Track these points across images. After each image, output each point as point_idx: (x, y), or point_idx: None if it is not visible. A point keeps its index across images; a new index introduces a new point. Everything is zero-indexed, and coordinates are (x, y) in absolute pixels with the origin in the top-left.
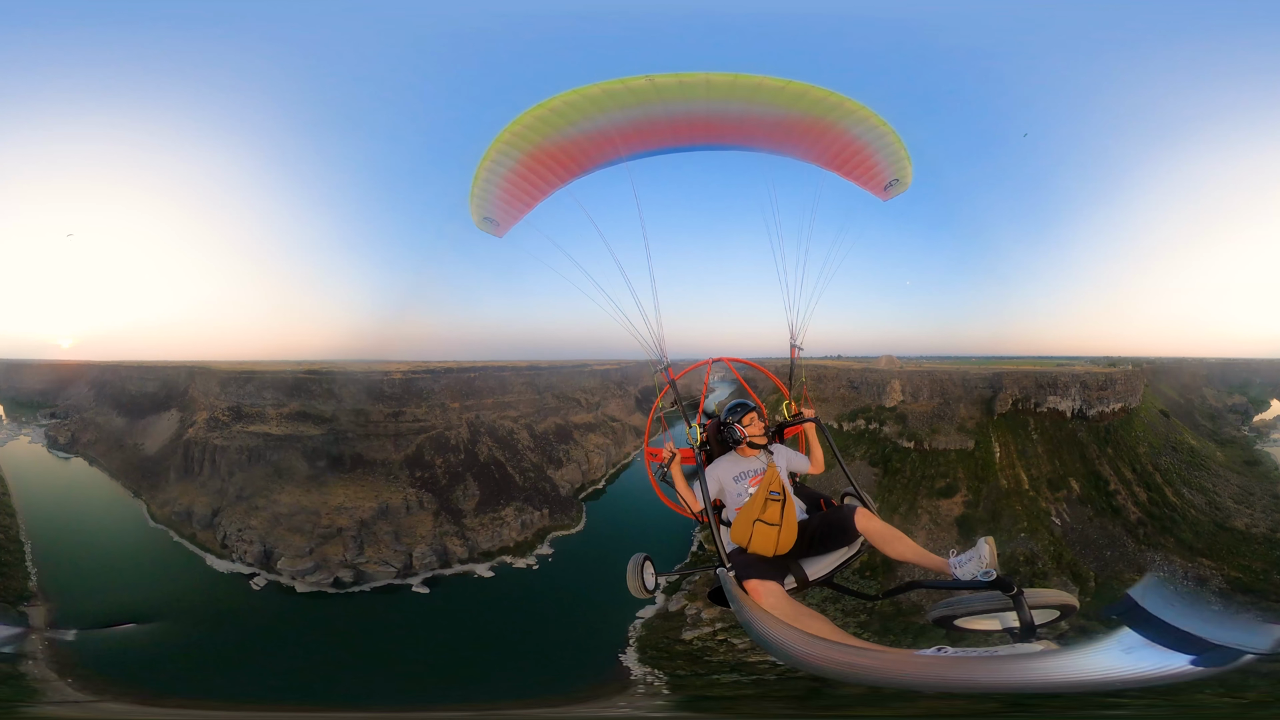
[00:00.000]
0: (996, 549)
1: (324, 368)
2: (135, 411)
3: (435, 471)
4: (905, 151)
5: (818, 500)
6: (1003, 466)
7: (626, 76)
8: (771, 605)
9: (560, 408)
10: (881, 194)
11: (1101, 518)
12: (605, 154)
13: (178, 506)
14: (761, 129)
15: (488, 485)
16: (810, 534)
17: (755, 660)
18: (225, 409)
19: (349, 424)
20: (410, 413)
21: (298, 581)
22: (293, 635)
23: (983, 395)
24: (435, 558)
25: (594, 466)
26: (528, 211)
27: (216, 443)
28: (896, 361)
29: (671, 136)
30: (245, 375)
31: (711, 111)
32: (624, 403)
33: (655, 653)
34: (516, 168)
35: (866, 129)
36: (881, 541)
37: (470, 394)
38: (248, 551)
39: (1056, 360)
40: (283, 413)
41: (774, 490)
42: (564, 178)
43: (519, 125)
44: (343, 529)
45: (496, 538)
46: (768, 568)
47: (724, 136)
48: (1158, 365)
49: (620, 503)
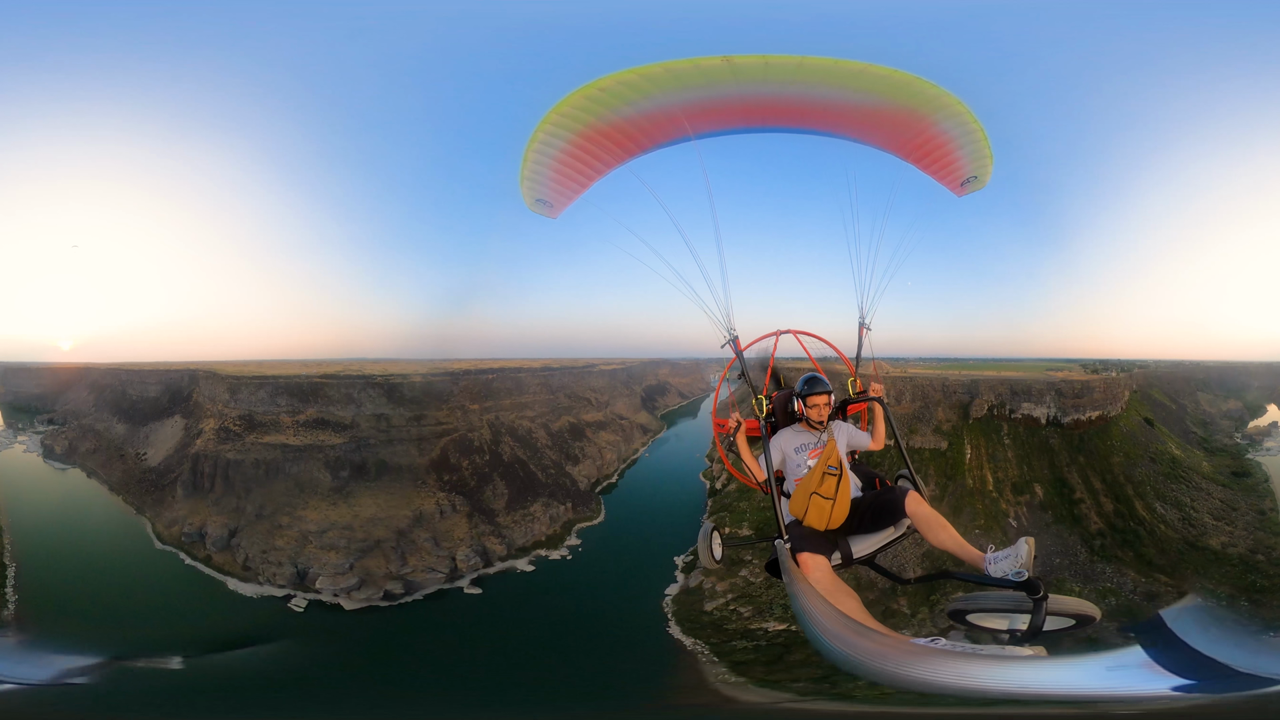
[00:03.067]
0: (1035, 550)
1: (336, 370)
2: (136, 418)
3: (463, 474)
4: (989, 150)
5: (873, 479)
6: (971, 467)
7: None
8: (816, 579)
9: (573, 407)
10: (957, 189)
11: (1060, 524)
12: (669, 133)
13: (188, 526)
14: (850, 115)
15: (514, 484)
16: (862, 511)
17: (755, 628)
18: (236, 418)
19: (370, 430)
20: (432, 416)
21: (343, 599)
22: (377, 648)
23: (960, 400)
24: (479, 558)
25: (607, 462)
26: (583, 191)
27: (230, 456)
28: (884, 366)
29: (744, 117)
30: (257, 380)
31: (796, 95)
32: (630, 401)
33: (690, 625)
34: (568, 148)
35: (957, 124)
36: (926, 527)
37: (489, 395)
38: (277, 574)
39: (1057, 363)
40: (299, 420)
41: (831, 465)
42: (621, 157)
43: (568, 105)
44: (381, 541)
45: (529, 533)
46: (819, 541)
47: (805, 120)
48: (1151, 370)
49: (633, 495)
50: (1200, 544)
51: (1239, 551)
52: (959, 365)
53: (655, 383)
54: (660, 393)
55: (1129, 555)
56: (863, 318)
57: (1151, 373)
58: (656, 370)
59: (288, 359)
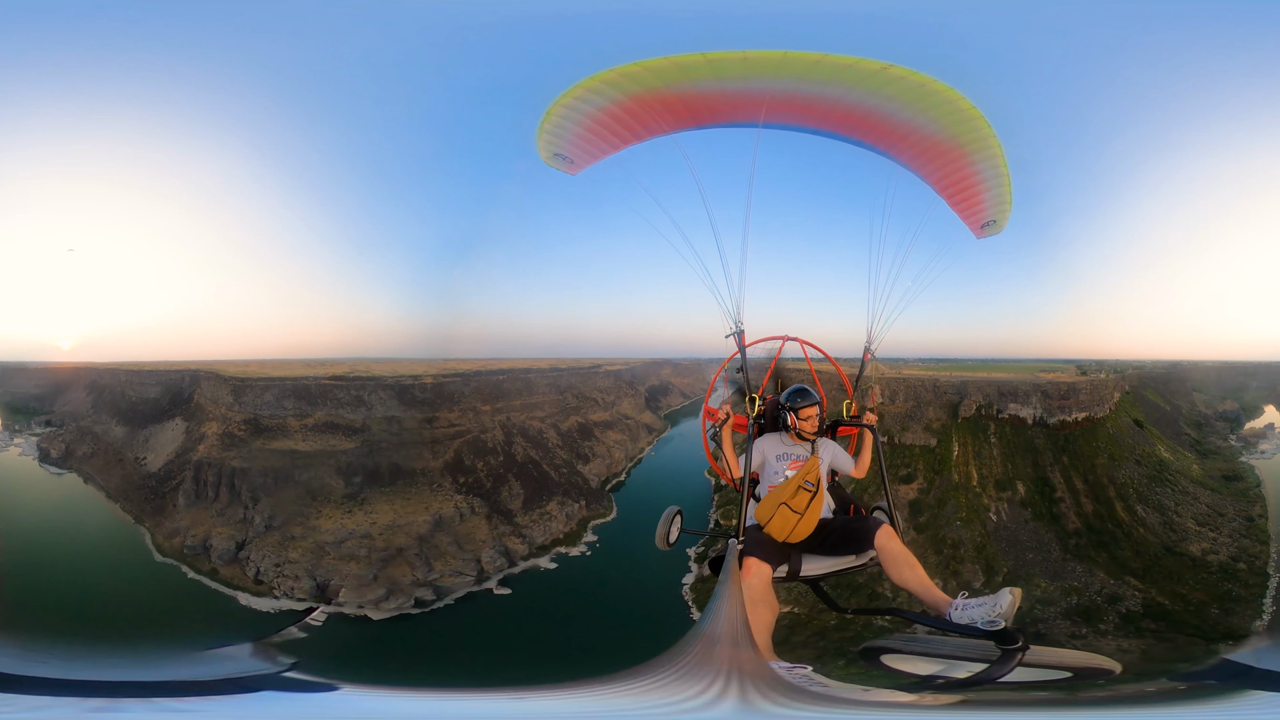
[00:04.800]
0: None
1: (341, 370)
2: (136, 420)
3: (479, 475)
4: (1010, 195)
5: (848, 505)
6: (957, 464)
7: (785, 49)
8: (749, 585)
9: (580, 407)
10: (978, 231)
11: (1038, 522)
12: (740, 115)
13: (190, 538)
14: (910, 137)
15: (529, 484)
16: (828, 533)
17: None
18: (241, 422)
19: (382, 433)
20: (444, 417)
21: (369, 609)
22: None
23: (950, 400)
24: (503, 559)
25: (615, 460)
26: (612, 152)
27: (235, 464)
28: (881, 368)
29: (813, 118)
30: (263, 383)
31: (865, 105)
32: (635, 401)
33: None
34: (613, 107)
35: (991, 165)
36: (893, 563)
37: (499, 396)
38: (295, 587)
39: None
40: (307, 424)
41: (809, 480)
42: (675, 126)
43: (640, 68)
44: (403, 548)
45: (548, 531)
46: (771, 551)
47: (869, 134)
48: (1146, 371)
49: (641, 492)
50: (1179, 549)
51: (1220, 559)
52: (958, 366)
53: (658, 383)
54: (663, 393)
55: (1102, 556)
56: (869, 342)
57: (1147, 373)
58: (659, 371)
59: (289, 358)
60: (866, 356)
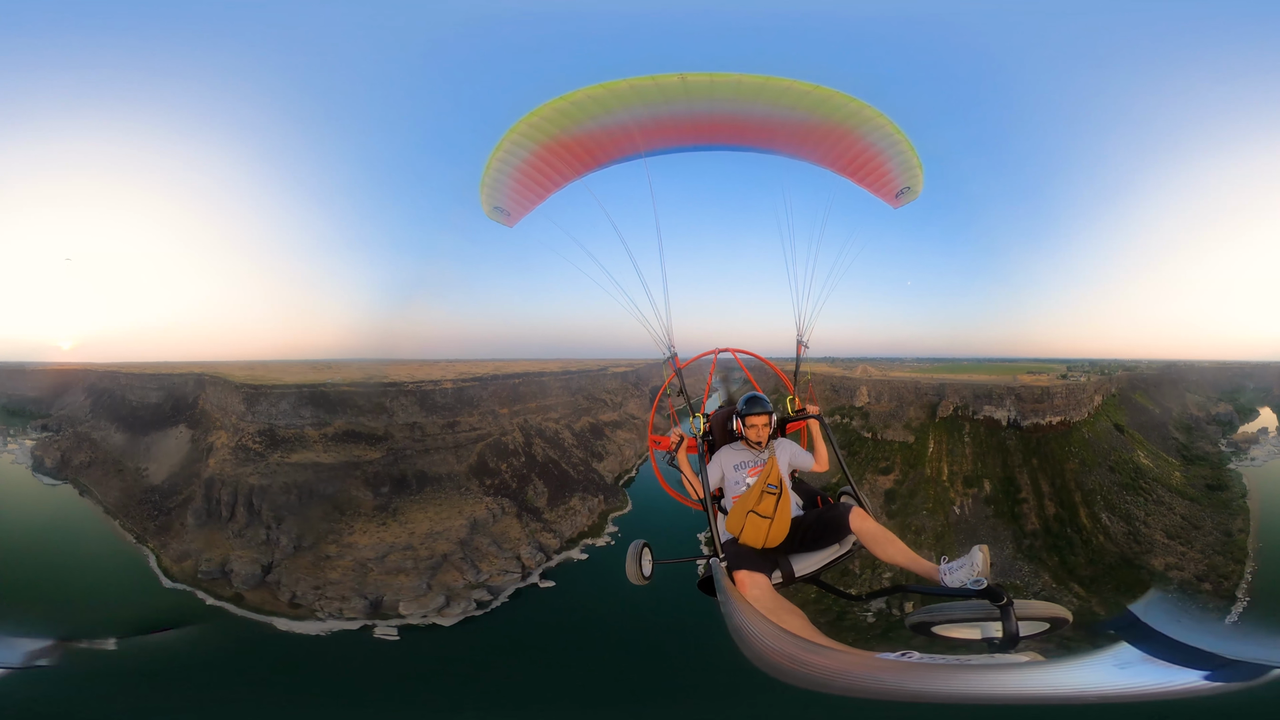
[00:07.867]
0: (990, 558)
1: (347, 374)
2: (137, 426)
3: (504, 476)
4: (918, 160)
5: (815, 497)
6: (931, 459)
7: (655, 74)
8: (755, 597)
9: (591, 408)
10: (893, 201)
11: (998, 519)
12: (624, 149)
13: (205, 562)
14: (784, 132)
15: (551, 482)
16: (804, 530)
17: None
18: (256, 434)
19: (405, 440)
20: (465, 422)
21: (435, 617)
22: (524, 650)
23: (930, 401)
24: (540, 554)
25: (626, 458)
26: (540, 202)
27: (253, 481)
28: (871, 370)
29: (694, 135)
30: (278, 391)
31: (738, 112)
32: (641, 402)
33: None
34: (531, 159)
35: (882, 136)
36: (873, 543)
37: (516, 399)
38: (342, 608)
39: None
40: (327, 434)
41: (771, 483)
42: (580, 171)
43: (537, 116)
44: (447, 554)
45: (574, 525)
46: (758, 560)
47: (745, 137)
48: (1138, 371)
49: (652, 487)
50: (1139, 562)
51: (1184, 576)
52: (955, 367)
53: (660, 383)
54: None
55: (1054, 560)
56: (800, 336)
57: (1137, 374)
58: (661, 372)
59: (291, 359)
60: (800, 351)
